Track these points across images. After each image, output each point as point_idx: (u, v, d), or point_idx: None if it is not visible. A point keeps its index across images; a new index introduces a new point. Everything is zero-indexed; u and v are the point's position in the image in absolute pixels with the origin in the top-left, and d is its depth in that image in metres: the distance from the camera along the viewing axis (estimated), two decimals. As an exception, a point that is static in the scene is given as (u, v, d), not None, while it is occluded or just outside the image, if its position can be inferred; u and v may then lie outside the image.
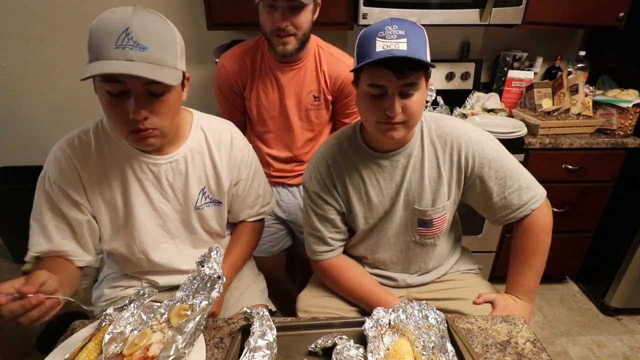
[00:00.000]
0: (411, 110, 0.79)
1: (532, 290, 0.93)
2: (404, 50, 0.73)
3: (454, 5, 1.57)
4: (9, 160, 2.13)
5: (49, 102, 2.03)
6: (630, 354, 1.66)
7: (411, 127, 0.83)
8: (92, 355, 0.65)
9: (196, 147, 0.90)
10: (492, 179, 0.88)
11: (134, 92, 0.70)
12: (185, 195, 0.91)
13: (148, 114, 0.73)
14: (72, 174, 0.82)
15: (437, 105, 1.80)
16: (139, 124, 0.73)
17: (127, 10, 0.68)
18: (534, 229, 0.90)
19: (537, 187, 0.90)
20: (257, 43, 1.31)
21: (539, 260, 0.92)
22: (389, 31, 0.75)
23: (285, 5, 1.11)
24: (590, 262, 1.94)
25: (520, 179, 0.88)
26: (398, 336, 0.70)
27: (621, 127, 1.64)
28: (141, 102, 0.71)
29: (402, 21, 0.77)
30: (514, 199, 0.88)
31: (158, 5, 1.84)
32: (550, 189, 0.93)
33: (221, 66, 1.32)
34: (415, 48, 0.74)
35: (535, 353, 0.71)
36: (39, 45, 1.90)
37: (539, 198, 0.89)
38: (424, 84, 0.80)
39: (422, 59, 0.73)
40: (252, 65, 1.29)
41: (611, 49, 1.87)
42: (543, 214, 0.90)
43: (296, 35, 1.17)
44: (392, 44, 0.74)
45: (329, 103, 1.36)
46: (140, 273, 0.98)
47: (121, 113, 0.72)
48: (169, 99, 0.75)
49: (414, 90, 0.78)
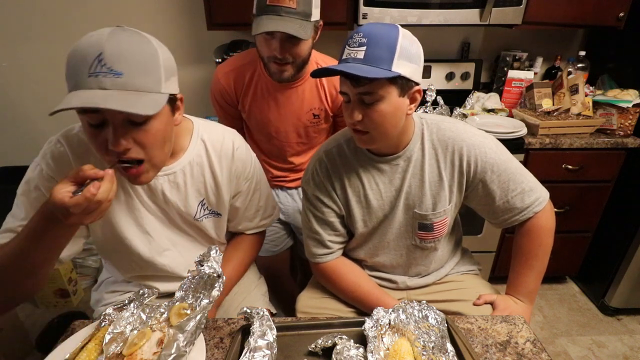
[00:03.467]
0: (371, 120, 0.77)
1: (533, 292, 0.93)
2: (360, 59, 0.73)
3: (454, 5, 1.57)
4: (9, 160, 2.13)
5: (49, 102, 2.03)
6: (630, 354, 1.66)
7: (378, 137, 0.81)
8: (92, 355, 0.65)
9: (196, 159, 0.87)
10: (494, 183, 0.87)
11: (112, 122, 0.64)
12: (183, 209, 0.88)
13: (130, 144, 0.66)
14: (68, 168, 0.77)
15: (437, 105, 1.80)
16: (121, 156, 0.67)
17: (104, 33, 0.62)
18: (537, 231, 0.90)
19: (540, 190, 0.89)
20: (254, 59, 1.24)
21: (540, 263, 0.91)
22: (354, 39, 0.75)
23: (283, 36, 1.04)
24: (590, 262, 1.94)
25: (523, 182, 0.87)
26: (398, 336, 0.70)
27: (621, 127, 1.64)
28: (119, 132, 0.65)
29: (373, 27, 0.75)
30: (517, 202, 0.88)
31: (158, 5, 1.84)
32: (550, 189, 0.93)
33: (217, 80, 1.28)
34: (374, 57, 0.72)
35: (535, 353, 0.71)
36: (39, 45, 1.90)
37: (542, 200, 0.89)
38: (392, 93, 0.76)
39: (377, 68, 0.72)
40: (249, 82, 1.25)
41: (611, 49, 1.87)
42: (546, 216, 0.90)
43: (294, 63, 1.12)
44: (353, 52, 0.74)
45: (330, 117, 1.33)
46: (139, 278, 0.95)
47: (103, 144, 0.66)
48: (154, 127, 0.68)
49: (373, 99, 0.75)
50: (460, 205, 0.96)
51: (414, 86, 0.79)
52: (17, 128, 2.09)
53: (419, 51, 0.78)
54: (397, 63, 0.73)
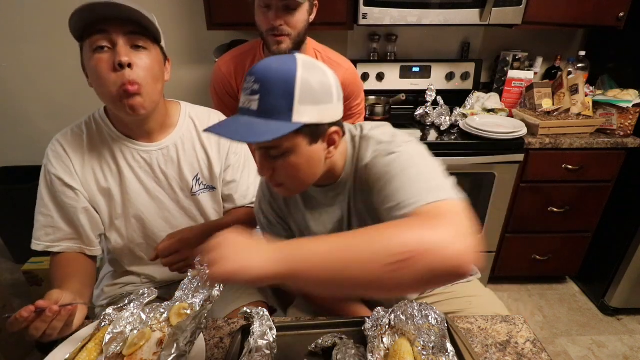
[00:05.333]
0: (283, 175, 0.67)
1: (296, 254, 0.53)
2: (254, 111, 0.60)
3: (454, 5, 1.57)
4: (9, 160, 2.13)
5: (49, 102, 2.03)
6: (630, 354, 1.66)
7: (296, 187, 0.72)
8: (92, 355, 0.65)
9: (186, 135, 0.93)
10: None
11: (118, 41, 0.75)
12: (179, 182, 0.94)
13: (132, 61, 0.76)
14: (66, 163, 0.85)
15: (437, 105, 1.80)
16: (125, 74, 0.75)
17: None
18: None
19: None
20: (253, 47, 1.30)
21: (351, 250, 0.52)
22: (247, 83, 0.61)
23: (279, 4, 1.11)
24: (590, 262, 1.94)
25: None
26: (398, 336, 0.70)
27: (621, 127, 1.64)
28: (124, 50, 0.75)
29: (266, 69, 0.60)
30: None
31: (158, 5, 1.84)
32: (550, 189, 0.92)
33: (217, 69, 1.32)
34: (269, 108, 0.59)
35: (535, 353, 0.71)
36: (39, 45, 1.90)
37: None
38: (301, 144, 0.63)
39: (274, 122, 0.59)
40: (249, 68, 1.28)
41: (611, 49, 1.87)
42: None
43: (290, 35, 1.16)
44: (247, 101, 0.61)
45: None
46: (139, 266, 0.99)
47: (107, 66, 0.75)
48: (151, 57, 0.79)
49: (280, 153, 0.64)
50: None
51: (328, 128, 0.65)
52: (17, 128, 2.09)
53: (327, 81, 0.63)
54: (299, 110, 0.59)
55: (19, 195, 1.90)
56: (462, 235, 0.50)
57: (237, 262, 0.50)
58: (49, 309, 0.63)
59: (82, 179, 0.87)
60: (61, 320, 0.66)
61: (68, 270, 0.85)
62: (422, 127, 1.80)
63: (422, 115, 1.82)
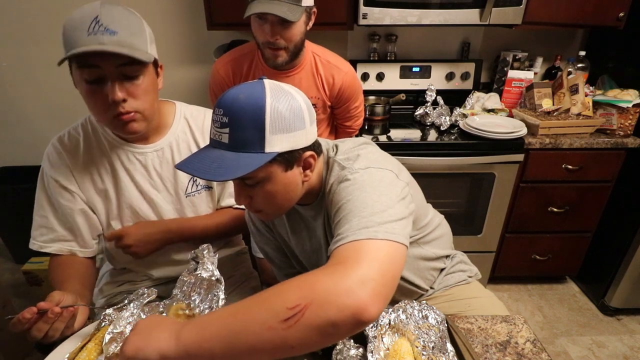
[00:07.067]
0: (260, 202, 0.67)
1: (190, 329, 0.52)
2: (225, 144, 0.59)
3: (454, 5, 1.57)
4: (9, 160, 2.13)
5: (49, 102, 2.03)
6: (630, 354, 1.66)
7: (275, 212, 0.71)
8: (92, 355, 0.65)
9: (180, 135, 0.93)
10: None
11: (109, 75, 0.73)
12: (174, 183, 0.93)
13: (126, 96, 0.75)
14: (63, 165, 0.86)
15: (437, 105, 1.80)
16: (118, 107, 0.74)
17: (95, 4, 0.72)
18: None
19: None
20: (252, 49, 1.29)
21: (248, 317, 0.49)
22: (216, 114, 0.60)
23: (275, 19, 1.08)
24: (590, 262, 1.94)
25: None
26: (398, 336, 0.70)
27: (621, 127, 1.64)
28: (117, 85, 0.74)
29: (233, 100, 0.58)
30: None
31: (158, 5, 1.84)
32: (550, 189, 0.92)
33: (215, 71, 1.31)
34: (240, 141, 0.58)
35: (535, 353, 0.71)
36: (39, 45, 1.90)
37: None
38: (276, 171, 0.63)
39: (247, 154, 0.58)
40: (247, 72, 1.28)
41: (611, 49, 1.87)
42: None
43: (287, 48, 1.15)
44: (217, 134, 0.60)
45: (327, 108, 1.35)
46: (136, 265, 0.99)
47: (101, 99, 0.74)
48: (145, 82, 0.78)
49: (255, 182, 0.63)
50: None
51: (302, 153, 0.65)
52: (17, 128, 2.09)
53: (297, 105, 0.61)
54: (271, 140, 0.58)
55: (19, 195, 1.90)
56: (362, 282, 0.48)
57: (135, 343, 0.52)
58: (51, 310, 0.64)
59: (79, 181, 0.87)
60: (63, 322, 0.67)
61: (68, 272, 0.85)
62: (422, 127, 1.80)
63: (422, 115, 1.83)
